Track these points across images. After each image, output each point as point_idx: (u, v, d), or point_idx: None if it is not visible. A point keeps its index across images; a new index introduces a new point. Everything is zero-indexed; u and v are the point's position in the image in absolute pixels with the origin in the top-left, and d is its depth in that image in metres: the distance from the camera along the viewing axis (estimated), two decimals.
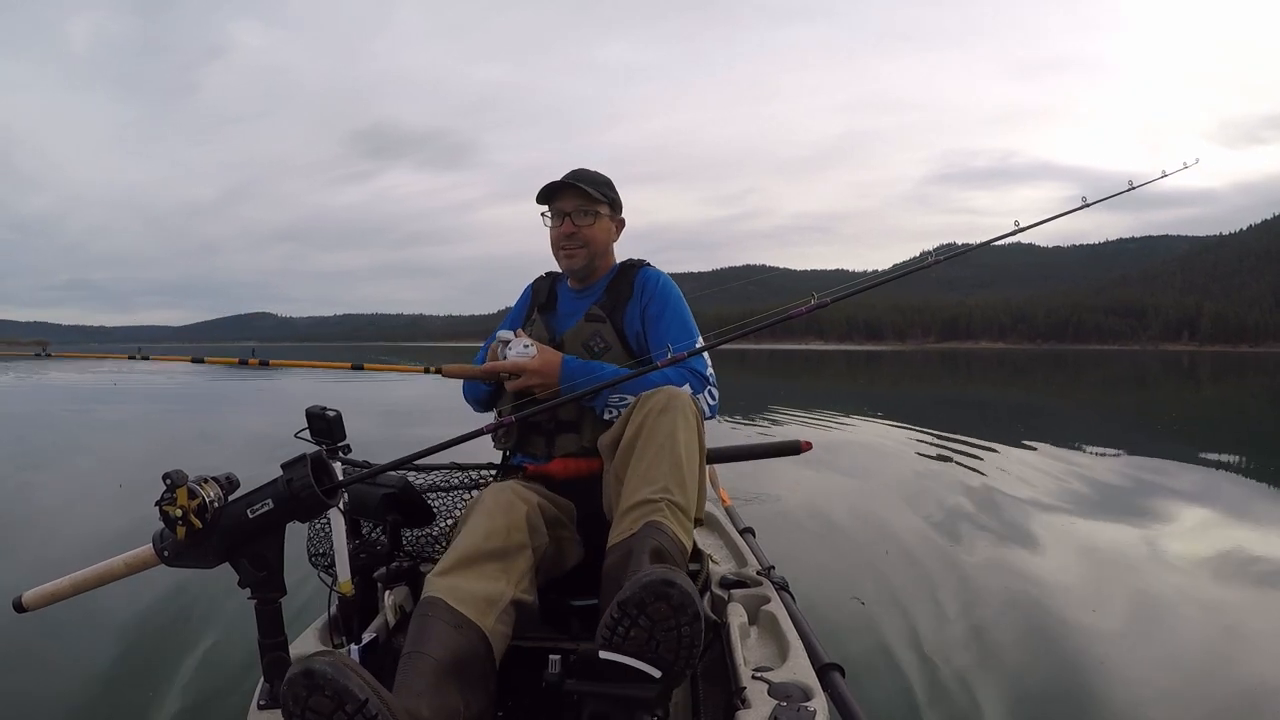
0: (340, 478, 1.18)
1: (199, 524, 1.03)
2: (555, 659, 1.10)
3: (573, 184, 1.68)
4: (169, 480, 1.03)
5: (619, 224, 1.79)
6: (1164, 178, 1.70)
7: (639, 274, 1.73)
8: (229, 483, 1.08)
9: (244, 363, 1.65)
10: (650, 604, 1.00)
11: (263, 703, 1.15)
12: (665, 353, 1.39)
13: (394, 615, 1.48)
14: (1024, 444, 6.80)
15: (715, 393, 1.61)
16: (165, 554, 1.08)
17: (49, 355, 2.20)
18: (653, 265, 1.78)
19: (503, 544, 1.28)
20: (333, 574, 1.39)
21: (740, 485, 4.00)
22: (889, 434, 7.91)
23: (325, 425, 1.43)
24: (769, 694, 1.19)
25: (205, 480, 1.05)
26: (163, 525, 1.04)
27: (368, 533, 1.58)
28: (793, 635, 1.44)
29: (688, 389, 1.51)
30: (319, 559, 1.58)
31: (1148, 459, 6.39)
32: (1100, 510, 4.29)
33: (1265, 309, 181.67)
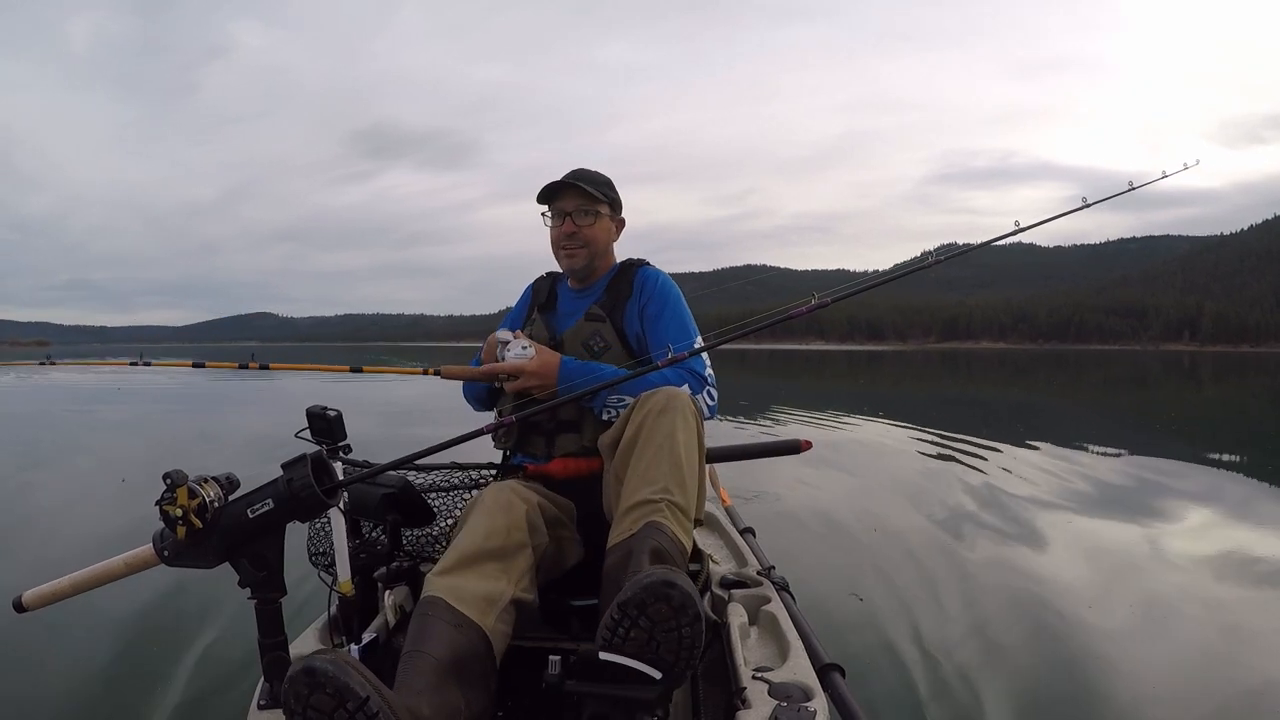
0: (340, 477, 1.18)
1: (199, 524, 1.03)
2: (555, 660, 1.10)
3: (573, 184, 1.68)
4: (169, 480, 1.03)
5: (619, 224, 1.79)
6: (1164, 178, 1.69)
7: (638, 273, 1.74)
8: (229, 482, 1.08)
9: (244, 366, 1.65)
10: (650, 605, 1.00)
11: (263, 703, 1.15)
12: (665, 353, 1.38)
13: (394, 615, 1.48)
14: (1025, 443, 6.79)
15: (714, 393, 1.61)
16: (165, 554, 1.08)
17: (52, 363, 2.21)
18: (652, 265, 1.78)
19: (503, 543, 1.28)
20: (333, 574, 1.39)
21: (740, 485, 4.00)
22: (890, 433, 7.91)
23: (326, 425, 1.43)
24: (769, 694, 1.19)
25: (205, 480, 1.05)
26: (163, 525, 1.04)
27: (368, 533, 1.58)
28: (793, 635, 1.44)
29: (686, 389, 1.51)
30: (319, 559, 1.58)
31: (1148, 458, 6.39)
32: (1101, 509, 4.29)
33: (1266, 309, 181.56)
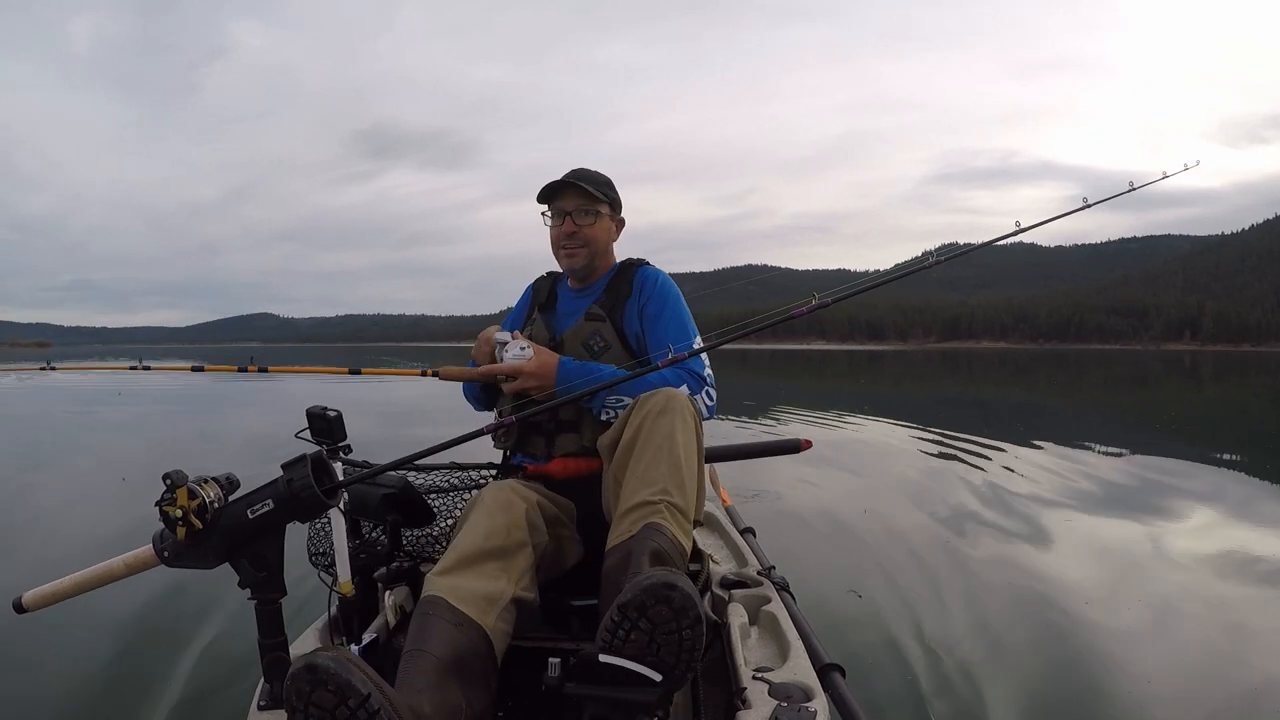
0: (340, 478, 1.17)
1: (199, 524, 1.02)
2: (555, 662, 1.09)
3: (573, 183, 1.68)
4: (169, 480, 1.03)
5: (619, 223, 1.79)
6: (1164, 179, 1.69)
7: (638, 273, 1.73)
8: (229, 483, 1.08)
9: (243, 370, 1.66)
10: (651, 607, 0.99)
11: (263, 703, 1.14)
12: (665, 353, 1.38)
13: (394, 615, 1.48)
14: (1026, 443, 6.78)
15: (713, 393, 1.61)
16: (165, 554, 1.07)
17: (52, 368, 2.24)
18: (652, 264, 1.78)
19: (503, 542, 1.28)
20: (333, 574, 1.39)
21: (740, 485, 4.00)
22: (890, 433, 7.90)
23: (326, 425, 1.43)
24: (769, 694, 1.19)
25: (205, 480, 1.05)
26: (163, 526, 1.04)
27: (368, 533, 1.58)
28: (793, 635, 1.43)
29: (685, 389, 1.51)
30: (319, 559, 1.58)
31: (1149, 457, 6.38)
32: (1102, 508, 4.29)
33: (1267, 308, 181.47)
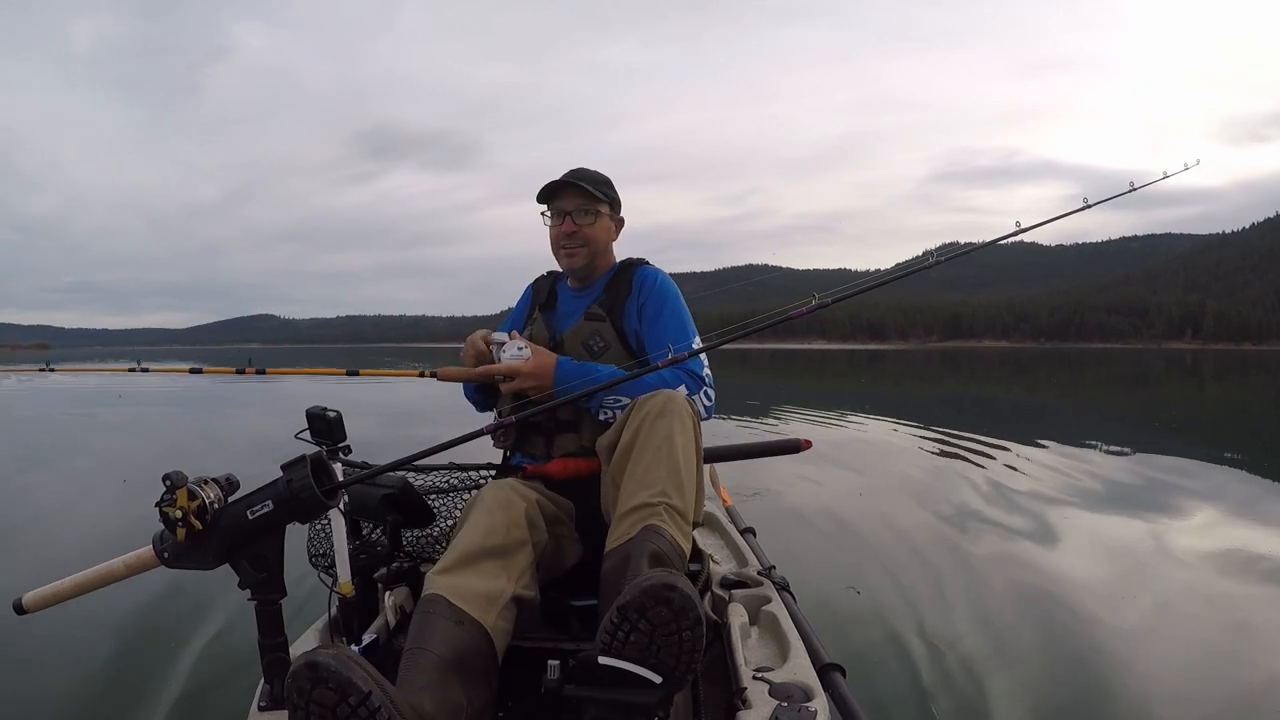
0: (340, 478, 1.17)
1: (199, 525, 1.02)
2: (554, 664, 1.09)
3: (573, 183, 1.68)
4: (169, 481, 1.03)
5: (618, 223, 1.79)
6: (1165, 179, 1.68)
7: (637, 272, 1.73)
8: (229, 484, 1.08)
9: (240, 371, 1.66)
10: (651, 608, 0.99)
11: (263, 704, 1.14)
12: (665, 353, 1.38)
13: (394, 616, 1.48)
14: (1027, 442, 6.77)
15: (711, 393, 1.61)
16: (165, 555, 1.07)
17: (52, 369, 2.25)
18: (651, 264, 1.78)
19: (502, 541, 1.28)
20: (333, 575, 1.39)
21: (741, 484, 4.00)
22: (891, 432, 7.90)
23: (325, 426, 1.43)
24: (770, 694, 1.19)
25: (205, 481, 1.05)
26: (163, 526, 1.04)
27: (368, 533, 1.58)
28: (793, 635, 1.43)
29: (683, 390, 1.50)
30: (319, 560, 1.58)
31: (1149, 455, 6.37)
32: (1102, 506, 4.29)
33: (1268, 307, 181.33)
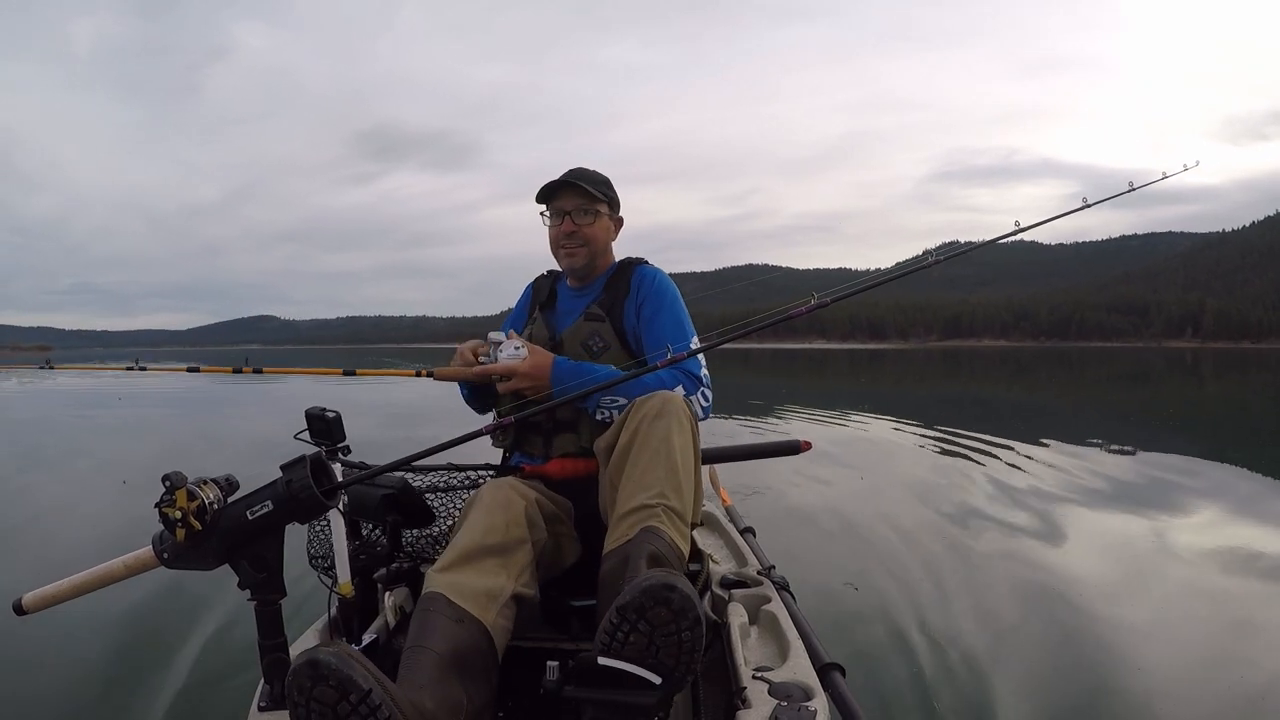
0: (340, 479, 1.17)
1: (198, 526, 1.02)
2: (553, 665, 1.09)
3: (573, 182, 1.68)
4: (168, 482, 1.03)
5: (618, 223, 1.79)
6: (1164, 179, 1.68)
7: (635, 271, 1.73)
8: (228, 484, 1.08)
9: (238, 371, 1.66)
10: (650, 609, 0.99)
11: (263, 704, 1.14)
12: (663, 353, 1.37)
13: (394, 616, 1.48)
14: (1027, 440, 6.77)
15: (709, 394, 1.60)
16: (165, 556, 1.07)
17: (51, 366, 2.29)
18: (650, 263, 1.77)
19: (502, 539, 1.28)
20: (333, 575, 1.39)
21: (741, 484, 4.00)
22: (891, 432, 7.90)
23: (325, 426, 1.43)
24: (769, 694, 1.19)
25: (204, 482, 1.05)
26: (162, 527, 1.04)
27: (367, 534, 1.58)
28: (793, 635, 1.43)
29: (681, 390, 1.50)
30: (319, 560, 1.58)
31: (1150, 454, 6.36)
32: (1103, 504, 4.29)
33: (1268, 305, 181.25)
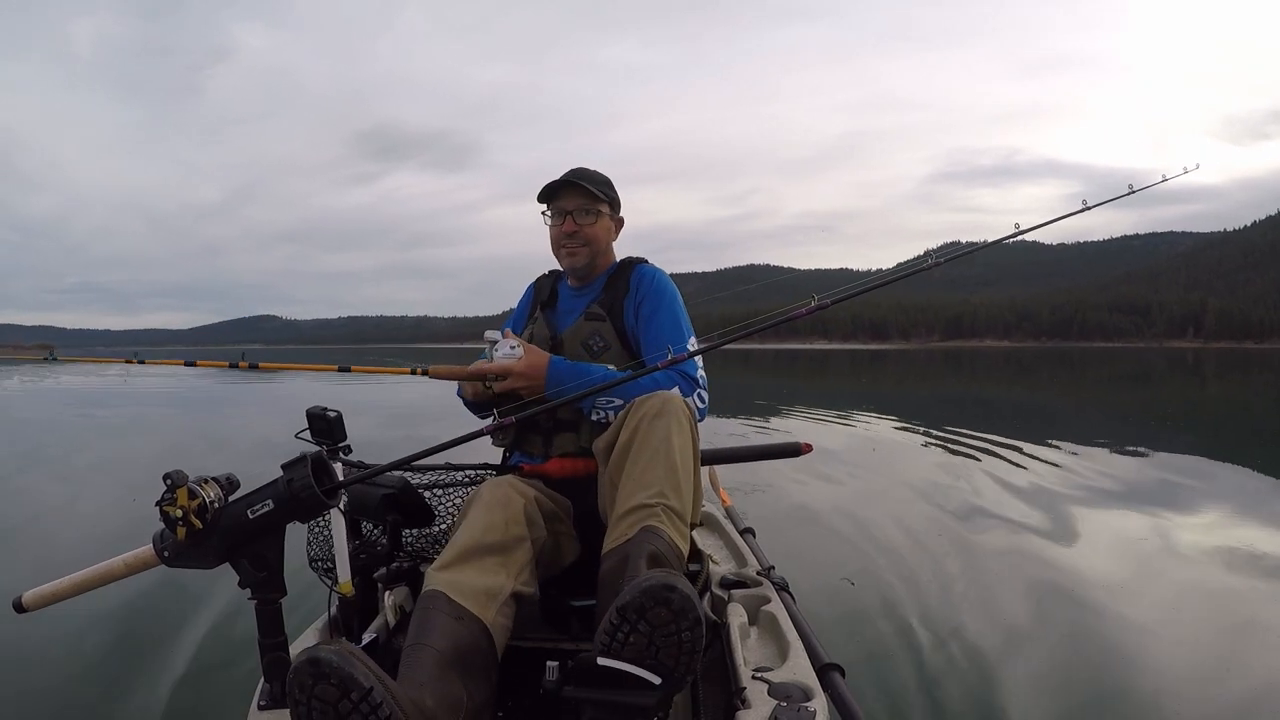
0: (340, 478, 1.17)
1: (199, 524, 1.02)
2: (553, 665, 1.09)
3: (574, 182, 1.68)
4: (169, 481, 1.03)
5: (618, 223, 1.79)
6: (1164, 182, 1.67)
7: (635, 270, 1.73)
8: (229, 483, 1.08)
9: (234, 365, 1.67)
10: (650, 609, 0.99)
11: (263, 703, 1.14)
12: (663, 354, 1.37)
13: (394, 615, 1.48)
14: (1029, 440, 6.76)
15: (705, 395, 1.60)
16: (165, 554, 1.07)
17: (55, 359, 2.30)
18: (650, 263, 1.78)
19: (501, 538, 1.28)
20: (333, 574, 1.39)
21: (741, 484, 4.00)
22: (891, 433, 7.90)
23: (326, 426, 1.43)
24: (769, 694, 1.19)
25: (205, 481, 1.05)
26: (163, 525, 1.04)
27: (368, 533, 1.58)
28: (793, 635, 1.43)
29: (676, 391, 1.49)
30: (319, 560, 1.58)
31: (1152, 453, 6.36)
32: (1105, 504, 4.29)
33: (1270, 305, 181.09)
